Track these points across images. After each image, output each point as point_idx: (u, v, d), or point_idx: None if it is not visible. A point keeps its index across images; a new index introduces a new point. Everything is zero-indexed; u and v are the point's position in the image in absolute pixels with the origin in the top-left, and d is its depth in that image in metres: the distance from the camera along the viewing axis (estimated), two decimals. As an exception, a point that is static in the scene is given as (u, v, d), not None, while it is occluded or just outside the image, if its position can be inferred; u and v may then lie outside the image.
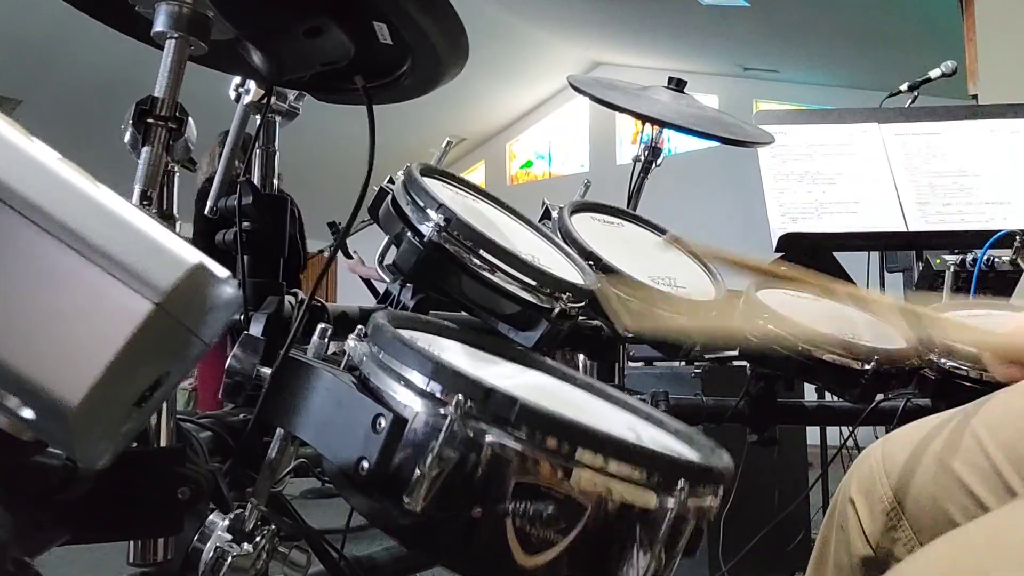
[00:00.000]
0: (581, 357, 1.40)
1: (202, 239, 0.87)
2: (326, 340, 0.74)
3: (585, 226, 1.21)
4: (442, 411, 0.61)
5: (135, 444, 0.74)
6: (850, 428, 1.54)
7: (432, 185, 0.91)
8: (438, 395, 0.63)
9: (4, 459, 0.51)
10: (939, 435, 0.79)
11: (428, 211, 0.86)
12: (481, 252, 0.85)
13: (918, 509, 0.77)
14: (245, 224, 1.07)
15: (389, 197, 0.92)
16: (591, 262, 1.07)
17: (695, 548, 0.69)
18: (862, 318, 1.43)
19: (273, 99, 1.10)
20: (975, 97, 3.37)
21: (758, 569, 2.09)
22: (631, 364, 2.63)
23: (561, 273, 0.92)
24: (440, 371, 0.64)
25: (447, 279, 0.86)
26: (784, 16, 7.08)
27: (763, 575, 2.32)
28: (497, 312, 0.88)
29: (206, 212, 1.11)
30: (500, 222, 1.03)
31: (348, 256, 4.69)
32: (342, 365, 0.72)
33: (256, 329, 1.00)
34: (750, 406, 1.44)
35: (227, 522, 0.67)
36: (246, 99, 1.10)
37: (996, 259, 1.70)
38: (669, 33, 8.23)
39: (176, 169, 0.83)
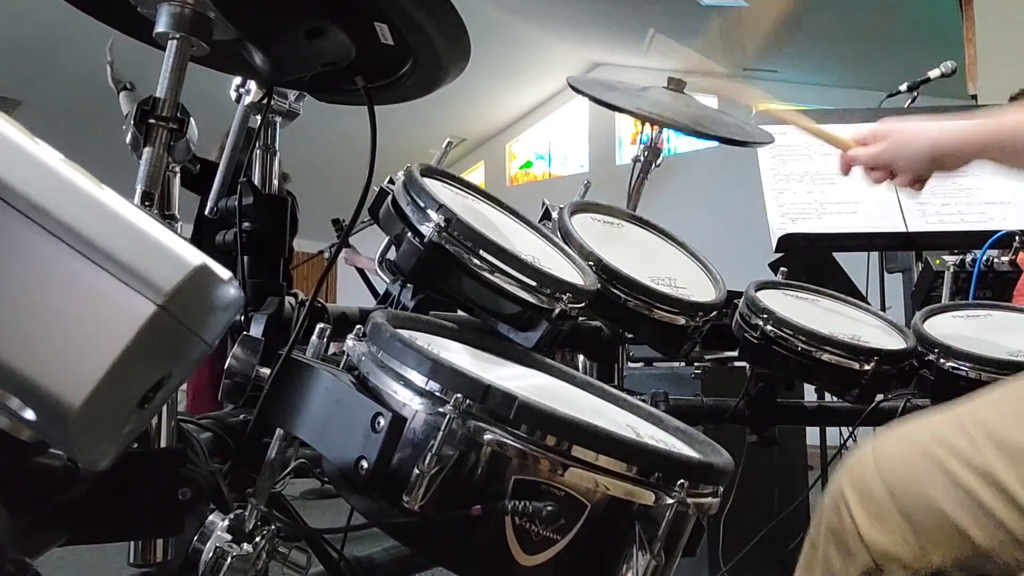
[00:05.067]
0: (581, 357, 1.40)
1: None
2: (325, 340, 0.74)
3: (585, 226, 1.21)
4: (441, 410, 0.61)
5: (136, 445, 0.74)
6: (850, 428, 1.54)
7: (432, 186, 0.92)
8: (437, 394, 0.63)
9: (5, 460, 0.51)
10: (932, 435, 0.79)
11: (428, 211, 0.86)
12: (481, 252, 0.85)
13: (916, 509, 0.77)
14: (245, 225, 1.07)
15: (389, 197, 0.92)
16: (591, 262, 1.07)
17: (695, 547, 0.69)
18: (862, 318, 1.43)
19: (274, 99, 1.10)
20: (974, 97, 3.37)
21: (758, 569, 2.09)
22: (631, 364, 2.63)
23: (561, 274, 0.92)
24: (439, 370, 0.64)
25: (447, 279, 0.86)
26: (784, 16, 7.08)
27: (763, 575, 2.32)
28: (497, 312, 0.88)
29: (206, 213, 1.11)
30: (500, 223, 1.03)
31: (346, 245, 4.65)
32: (341, 365, 0.73)
33: (256, 330, 1.00)
34: (750, 406, 1.44)
35: (227, 522, 0.67)
36: (247, 99, 1.10)
37: (995, 259, 1.70)
38: (669, 33, 8.23)
39: (177, 169, 0.83)
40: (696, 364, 2.60)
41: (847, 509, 0.81)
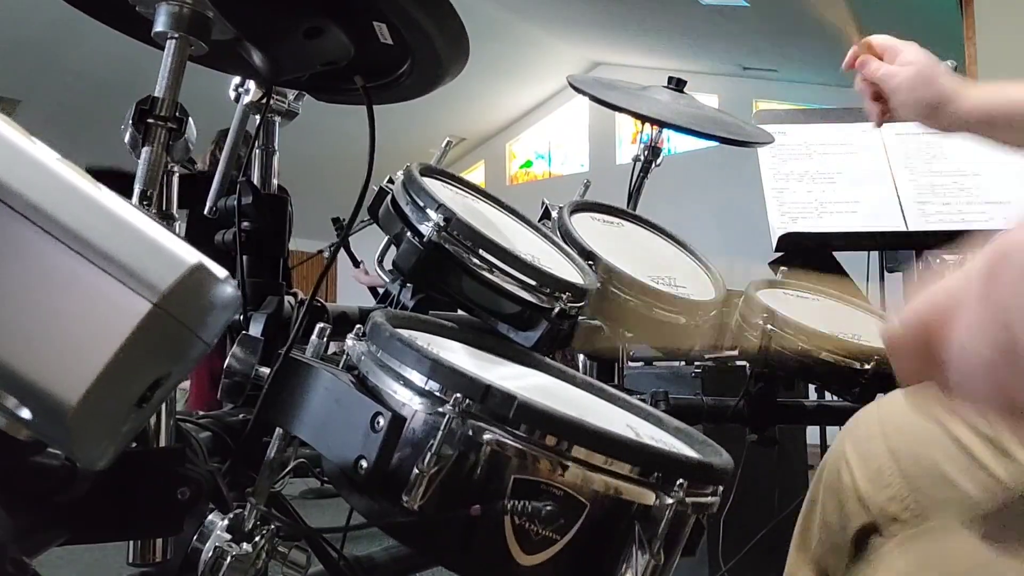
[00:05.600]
0: (581, 357, 1.40)
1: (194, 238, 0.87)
2: (324, 340, 0.74)
3: (585, 226, 1.21)
4: (440, 409, 0.61)
5: (135, 444, 0.74)
6: (850, 428, 1.54)
7: (432, 185, 0.92)
8: (436, 393, 0.63)
9: (3, 459, 0.51)
10: (936, 395, 0.80)
11: (428, 211, 0.86)
12: (481, 252, 0.85)
13: (917, 470, 0.78)
14: (244, 224, 1.07)
15: (389, 197, 0.92)
16: (591, 262, 1.07)
17: (695, 547, 0.69)
18: (862, 318, 1.43)
19: (272, 99, 1.10)
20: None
21: (758, 569, 2.09)
22: (631, 364, 2.63)
23: (561, 273, 0.92)
24: (438, 369, 0.64)
25: (447, 279, 0.86)
26: (784, 16, 7.08)
27: (763, 575, 2.32)
28: (497, 312, 0.88)
29: (206, 212, 1.11)
30: (500, 222, 1.03)
31: (355, 263, 4.66)
32: (341, 364, 0.72)
33: (255, 329, 1.00)
34: (750, 406, 1.44)
35: (226, 522, 0.67)
36: (246, 99, 1.10)
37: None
38: (669, 33, 8.23)
39: (176, 169, 0.83)
40: (696, 363, 2.60)
41: (848, 469, 0.82)
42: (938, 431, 0.77)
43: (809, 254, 2.34)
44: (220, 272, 0.46)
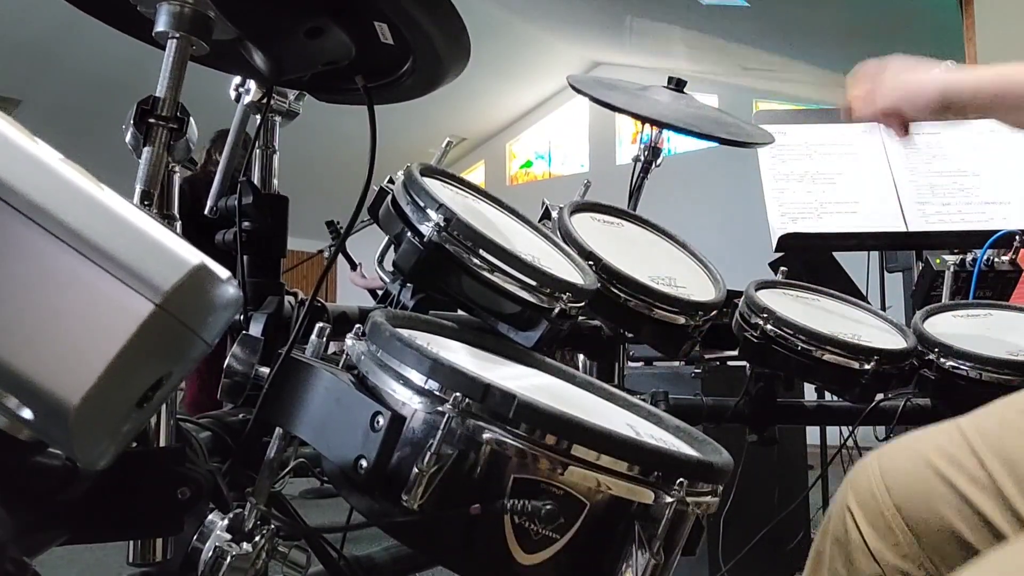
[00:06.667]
0: (581, 357, 1.40)
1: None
2: (324, 339, 0.74)
3: (585, 226, 1.21)
4: (440, 408, 0.61)
5: (135, 444, 0.74)
6: (850, 428, 1.54)
7: (432, 185, 0.92)
8: (436, 393, 0.63)
9: (4, 459, 0.51)
10: (937, 449, 0.79)
11: (428, 211, 0.86)
12: (481, 252, 0.85)
13: (923, 524, 0.77)
14: (245, 224, 1.07)
15: (389, 197, 0.92)
16: (591, 262, 1.07)
17: (695, 546, 0.69)
18: (862, 318, 1.43)
19: (273, 99, 1.10)
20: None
21: (758, 569, 2.10)
22: (631, 364, 2.63)
23: (561, 273, 0.92)
24: (438, 369, 0.64)
25: (447, 279, 0.86)
26: (784, 16, 7.08)
27: (763, 575, 2.32)
28: (497, 312, 0.88)
29: (206, 212, 1.11)
30: (500, 222, 1.03)
31: (352, 265, 4.65)
32: (340, 364, 0.73)
33: (256, 329, 1.00)
34: (750, 406, 1.44)
35: (226, 522, 0.67)
36: (246, 99, 1.10)
37: (996, 259, 1.70)
38: (669, 33, 8.23)
39: (177, 169, 0.83)
40: (696, 364, 2.60)
41: (853, 523, 0.81)
42: (943, 488, 0.76)
43: (809, 254, 2.34)
44: (222, 272, 0.46)
